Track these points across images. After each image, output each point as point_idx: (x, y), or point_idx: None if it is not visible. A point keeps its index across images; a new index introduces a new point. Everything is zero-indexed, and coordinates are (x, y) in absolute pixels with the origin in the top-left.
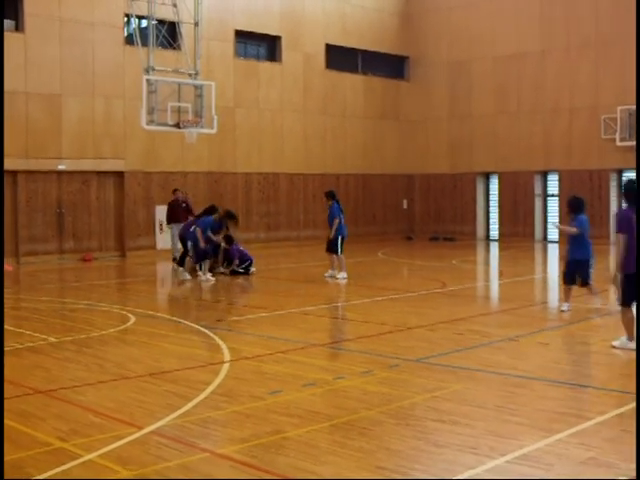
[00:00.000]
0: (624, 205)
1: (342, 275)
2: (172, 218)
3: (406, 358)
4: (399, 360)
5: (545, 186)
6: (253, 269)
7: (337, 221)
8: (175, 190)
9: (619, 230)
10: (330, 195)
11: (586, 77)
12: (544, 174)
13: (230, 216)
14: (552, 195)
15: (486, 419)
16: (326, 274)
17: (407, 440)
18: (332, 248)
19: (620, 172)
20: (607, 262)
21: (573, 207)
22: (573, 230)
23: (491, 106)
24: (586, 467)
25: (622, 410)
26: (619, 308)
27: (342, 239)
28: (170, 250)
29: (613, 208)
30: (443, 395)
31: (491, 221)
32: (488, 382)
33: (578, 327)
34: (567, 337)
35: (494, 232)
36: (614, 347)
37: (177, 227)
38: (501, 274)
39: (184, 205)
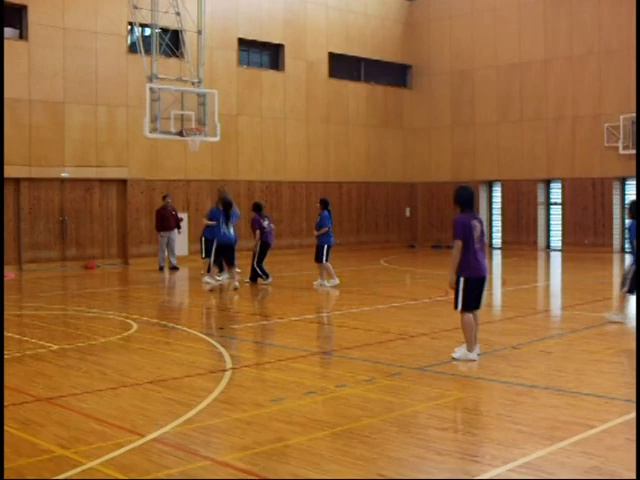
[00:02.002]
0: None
1: (332, 282)
2: (163, 226)
3: (408, 366)
4: (401, 368)
5: (548, 194)
6: (270, 279)
7: (326, 230)
8: (165, 196)
9: (456, 236)
10: (322, 203)
11: (589, 85)
12: (547, 182)
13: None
14: (555, 203)
15: (488, 427)
16: (315, 282)
17: (409, 448)
18: (318, 257)
19: (623, 180)
20: (611, 270)
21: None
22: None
23: (494, 114)
24: (589, 476)
25: (625, 418)
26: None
27: (328, 247)
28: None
29: (616, 216)
30: (445, 403)
31: (494, 229)
32: (490, 390)
33: (581, 335)
34: (570, 345)
35: (497, 240)
36: (454, 359)
37: (167, 235)
38: (504, 282)
39: (174, 212)
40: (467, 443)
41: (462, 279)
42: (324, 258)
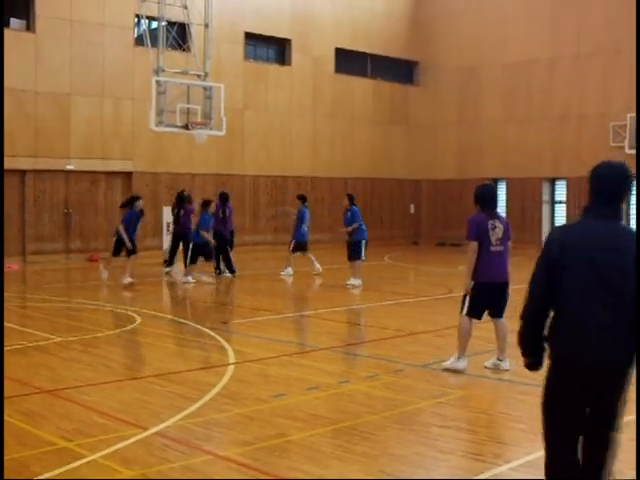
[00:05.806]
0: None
1: (358, 282)
2: None
3: (411, 363)
4: (404, 365)
5: (553, 193)
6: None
7: (357, 224)
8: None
9: (469, 237)
10: (349, 198)
11: (595, 84)
12: (552, 181)
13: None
14: (560, 202)
15: (491, 425)
16: (348, 282)
17: (411, 445)
18: (353, 254)
19: None
20: None
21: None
22: None
23: (500, 112)
24: None
25: (629, 419)
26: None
27: (365, 243)
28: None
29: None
30: (448, 401)
31: None
32: (493, 389)
33: None
34: None
35: None
36: (444, 369)
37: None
38: None
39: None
40: (470, 441)
41: (472, 283)
42: (362, 254)
